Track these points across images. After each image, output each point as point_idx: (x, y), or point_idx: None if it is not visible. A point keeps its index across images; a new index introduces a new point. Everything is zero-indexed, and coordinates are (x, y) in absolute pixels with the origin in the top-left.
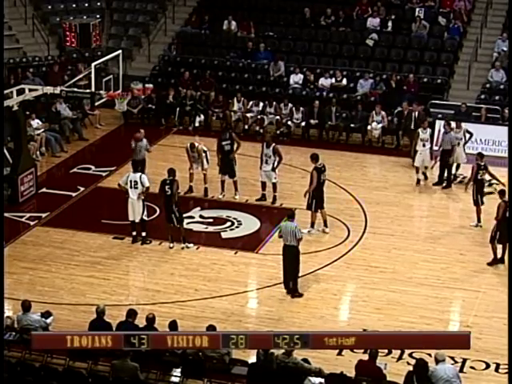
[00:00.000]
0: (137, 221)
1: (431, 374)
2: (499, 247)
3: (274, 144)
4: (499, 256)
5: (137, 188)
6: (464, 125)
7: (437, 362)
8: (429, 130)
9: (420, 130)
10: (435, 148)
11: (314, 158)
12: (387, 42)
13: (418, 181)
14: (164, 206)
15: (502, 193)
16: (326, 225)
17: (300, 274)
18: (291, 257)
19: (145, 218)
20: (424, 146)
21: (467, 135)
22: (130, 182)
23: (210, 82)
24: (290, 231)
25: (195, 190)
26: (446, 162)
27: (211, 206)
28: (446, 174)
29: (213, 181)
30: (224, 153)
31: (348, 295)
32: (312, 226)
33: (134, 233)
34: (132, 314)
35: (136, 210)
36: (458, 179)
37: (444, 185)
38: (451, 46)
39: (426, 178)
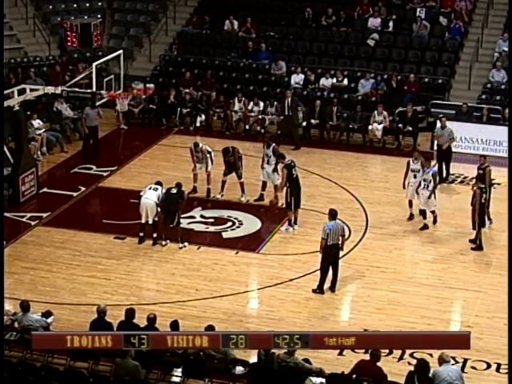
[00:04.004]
0: (150, 222)
1: (434, 375)
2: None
3: (273, 144)
4: (473, 238)
5: (156, 190)
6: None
7: (440, 363)
8: (421, 160)
9: (411, 160)
10: (436, 148)
11: (281, 156)
12: (388, 42)
13: (411, 216)
14: (166, 206)
15: (479, 178)
16: (295, 222)
17: (302, 274)
18: (337, 255)
19: (156, 218)
20: (415, 177)
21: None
22: (150, 187)
23: (211, 82)
24: (340, 228)
25: (199, 191)
26: (444, 156)
27: (212, 206)
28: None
29: (218, 181)
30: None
31: (349, 295)
32: (295, 222)
33: (142, 234)
34: (131, 313)
35: (150, 212)
36: (459, 179)
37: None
38: (452, 46)
39: (424, 217)
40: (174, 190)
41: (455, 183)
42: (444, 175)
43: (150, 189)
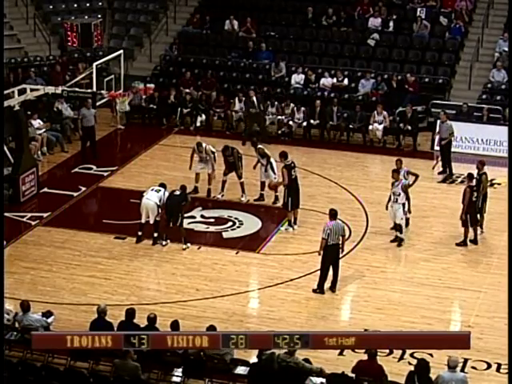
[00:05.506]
0: (151, 222)
1: (437, 377)
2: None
3: (258, 146)
4: (472, 238)
5: (158, 192)
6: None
7: (448, 367)
8: (405, 169)
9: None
10: (437, 148)
11: (283, 155)
12: (388, 42)
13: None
14: (168, 207)
15: (469, 176)
16: (295, 222)
17: (302, 274)
18: (338, 255)
19: (157, 218)
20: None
21: (411, 177)
22: (153, 188)
23: (211, 82)
24: (341, 228)
25: (199, 191)
26: (446, 149)
27: (213, 205)
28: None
29: (218, 181)
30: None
31: (349, 295)
32: (295, 222)
33: (140, 233)
34: (131, 313)
35: (150, 212)
36: (459, 179)
37: (445, 176)
38: (453, 46)
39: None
40: (178, 192)
41: (455, 183)
42: (447, 172)
43: (152, 190)
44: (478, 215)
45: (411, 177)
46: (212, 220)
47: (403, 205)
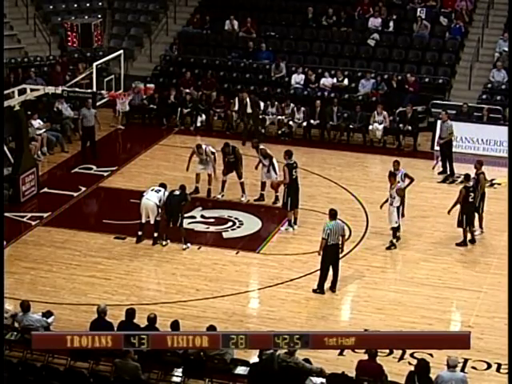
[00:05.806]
0: (151, 222)
1: (437, 377)
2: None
3: (261, 147)
4: (469, 238)
5: (158, 192)
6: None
7: (447, 367)
8: (402, 171)
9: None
10: (437, 148)
11: (288, 154)
12: (389, 42)
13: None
14: (167, 207)
15: (466, 177)
16: (295, 222)
17: (302, 274)
18: (338, 255)
19: (158, 218)
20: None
21: (406, 180)
22: (153, 188)
23: (211, 82)
24: (341, 228)
25: (200, 191)
26: (446, 149)
27: (213, 205)
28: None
29: (218, 181)
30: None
31: (349, 295)
32: (295, 222)
33: (140, 233)
34: (131, 313)
35: (150, 212)
36: (459, 179)
37: (445, 176)
38: (453, 46)
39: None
40: (177, 192)
41: (456, 183)
42: (448, 173)
43: (152, 190)
44: (477, 214)
45: (407, 180)
46: (212, 220)
47: (398, 208)
